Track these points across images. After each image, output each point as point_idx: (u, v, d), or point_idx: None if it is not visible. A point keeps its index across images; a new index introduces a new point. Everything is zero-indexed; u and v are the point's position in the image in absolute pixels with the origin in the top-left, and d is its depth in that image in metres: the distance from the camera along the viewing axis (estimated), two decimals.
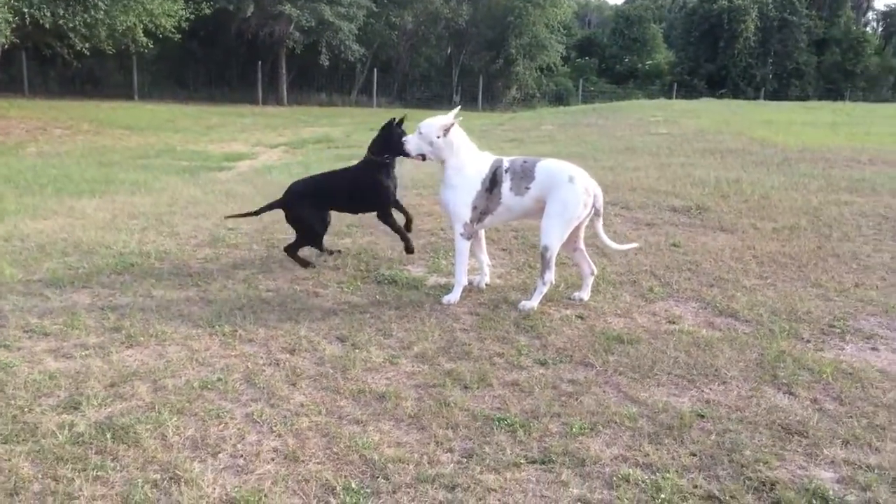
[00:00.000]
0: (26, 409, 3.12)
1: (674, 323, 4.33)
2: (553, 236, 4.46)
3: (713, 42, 46.07)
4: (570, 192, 4.42)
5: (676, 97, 37.21)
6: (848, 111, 19.12)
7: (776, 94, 42.52)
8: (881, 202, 7.25)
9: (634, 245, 5.14)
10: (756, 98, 38.97)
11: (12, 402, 3.19)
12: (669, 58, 52.91)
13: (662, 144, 11.37)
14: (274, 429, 3.05)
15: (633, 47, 52.43)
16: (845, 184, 8.06)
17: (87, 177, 9.52)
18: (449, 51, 41.35)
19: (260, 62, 33.17)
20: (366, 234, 6.26)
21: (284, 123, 21.27)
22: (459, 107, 4.81)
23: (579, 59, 49.67)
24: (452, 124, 4.59)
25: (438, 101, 37.70)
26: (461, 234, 4.62)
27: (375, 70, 36.19)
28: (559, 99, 41.57)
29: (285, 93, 34.77)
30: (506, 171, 4.58)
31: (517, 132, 14.67)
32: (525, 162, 4.62)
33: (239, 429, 3.04)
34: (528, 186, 4.53)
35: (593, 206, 4.52)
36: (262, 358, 3.76)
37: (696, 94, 37.53)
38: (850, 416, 3.24)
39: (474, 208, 4.58)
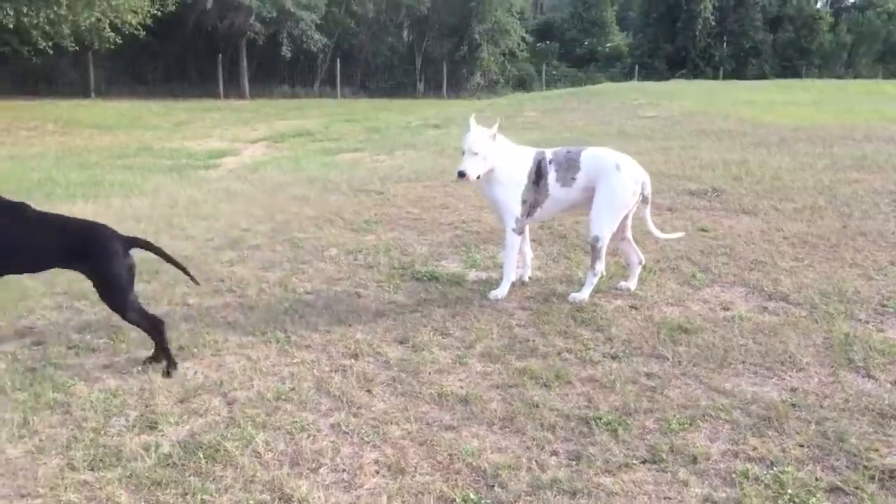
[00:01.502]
0: (102, 432, 2.97)
1: (728, 309, 4.31)
2: (603, 226, 4.40)
3: (672, 23, 46.39)
4: (619, 180, 4.37)
5: (638, 79, 37.46)
6: (820, 88, 19.43)
7: (734, 73, 42.97)
8: (890, 179, 7.34)
9: (679, 234, 5.10)
10: (715, 77, 39.42)
11: (84, 423, 3.03)
12: (625, 40, 53.21)
13: (655, 128, 11.40)
14: (367, 439, 2.94)
15: (591, 30, 52.51)
16: (850, 162, 8.16)
17: (72, 180, 9.18)
18: (411, 38, 41.01)
19: (220, 55, 32.50)
20: (388, 230, 6.13)
21: (254, 117, 20.84)
22: (498, 121, 4.61)
23: (540, 44, 49.63)
24: (495, 133, 4.45)
25: (403, 89, 37.47)
26: (513, 230, 4.52)
27: (338, 60, 35.71)
28: (522, 84, 41.55)
29: (247, 86, 34.15)
30: (550, 163, 4.50)
31: (502, 119, 14.56)
32: (569, 152, 4.54)
33: (331, 441, 2.92)
34: (574, 177, 4.45)
35: (641, 193, 4.47)
36: (325, 365, 3.64)
37: (656, 76, 37.85)
38: None
39: (524, 202, 4.50)
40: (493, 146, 4.39)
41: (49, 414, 3.12)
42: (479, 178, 4.43)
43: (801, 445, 2.86)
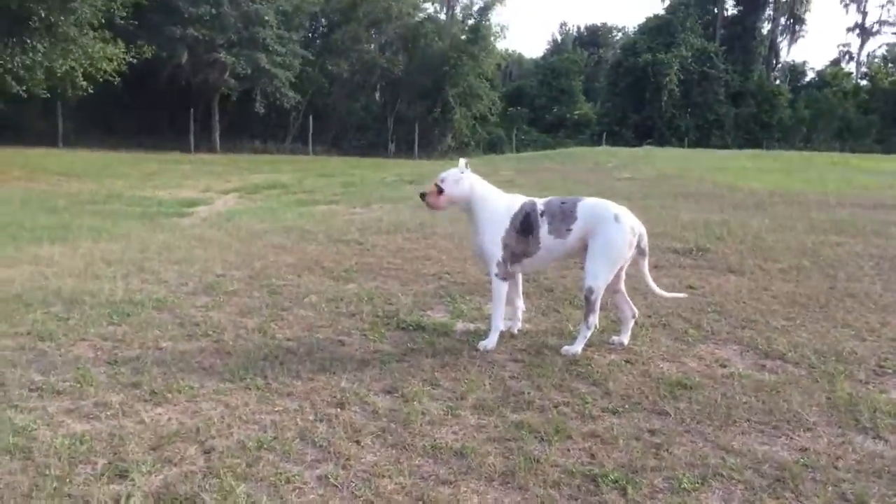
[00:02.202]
0: (67, 480, 2.71)
1: (725, 366, 4.18)
2: (598, 278, 4.27)
3: (639, 94, 47.64)
4: (616, 231, 4.27)
5: (606, 145, 38.13)
6: (787, 158, 19.88)
7: (698, 144, 44.01)
8: (870, 243, 7.38)
9: (682, 295, 4.95)
10: (681, 146, 40.32)
11: (47, 471, 2.76)
12: (591, 109, 54.56)
13: (632, 189, 11.46)
14: (358, 493, 2.71)
15: (560, 98, 53.78)
16: (829, 225, 8.21)
17: (39, 223, 8.88)
18: (384, 99, 41.48)
19: (193, 109, 32.39)
20: (369, 279, 5.95)
21: (226, 170, 20.64)
22: (466, 159, 4.68)
23: (511, 109, 50.55)
24: (463, 171, 4.44)
25: (375, 149, 37.68)
26: (497, 276, 4.39)
27: (311, 117, 35.84)
28: (493, 147, 42.09)
29: (219, 140, 34.04)
30: (541, 215, 4.39)
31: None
32: (563, 203, 4.44)
33: (319, 495, 2.70)
34: (569, 228, 4.34)
35: (638, 245, 4.37)
36: (309, 413, 3.41)
37: (623, 143, 38.56)
38: None
39: (505, 246, 4.37)
40: (460, 184, 4.43)
41: (9, 460, 2.84)
42: (440, 209, 4.58)
43: None
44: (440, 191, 4.46)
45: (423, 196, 4.56)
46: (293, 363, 4.04)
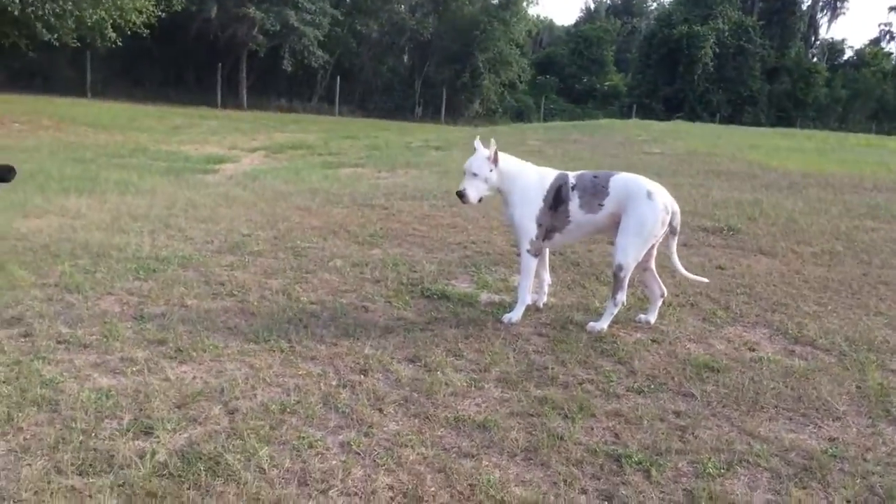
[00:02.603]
0: (92, 434, 2.73)
1: (753, 350, 4.11)
2: (629, 255, 4.20)
3: (672, 66, 46.81)
4: (649, 208, 4.18)
5: (636, 118, 37.59)
6: (822, 138, 19.49)
7: (730, 120, 43.26)
8: None
9: (705, 280, 4.84)
10: (712, 122, 39.68)
11: (73, 424, 2.78)
12: (622, 80, 53.74)
13: (663, 164, 11.30)
14: (380, 461, 2.71)
15: (590, 68, 52.99)
16: (864, 210, 8.04)
17: (66, 174, 8.91)
18: (412, 62, 41.11)
19: (220, 65, 32.29)
20: (394, 245, 5.92)
21: (253, 127, 20.59)
22: (478, 136, 4.58)
23: (540, 77, 49.91)
24: (496, 151, 4.32)
25: (401, 112, 37.45)
26: (528, 251, 4.33)
27: (338, 77, 35.63)
28: (520, 116, 41.68)
29: (245, 96, 33.97)
30: (573, 189, 4.31)
31: (503, 146, 14.42)
32: (596, 177, 4.35)
33: (342, 461, 2.69)
34: (601, 203, 4.26)
35: (670, 223, 4.29)
36: (333, 379, 3.41)
37: (653, 116, 37.97)
38: None
39: (539, 225, 4.30)
40: (492, 168, 4.31)
41: (35, 411, 2.87)
42: (480, 200, 4.40)
43: (848, 501, 2.65)
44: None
45: (460, 195, 4.36)
46: (317, 327, 4.04)
